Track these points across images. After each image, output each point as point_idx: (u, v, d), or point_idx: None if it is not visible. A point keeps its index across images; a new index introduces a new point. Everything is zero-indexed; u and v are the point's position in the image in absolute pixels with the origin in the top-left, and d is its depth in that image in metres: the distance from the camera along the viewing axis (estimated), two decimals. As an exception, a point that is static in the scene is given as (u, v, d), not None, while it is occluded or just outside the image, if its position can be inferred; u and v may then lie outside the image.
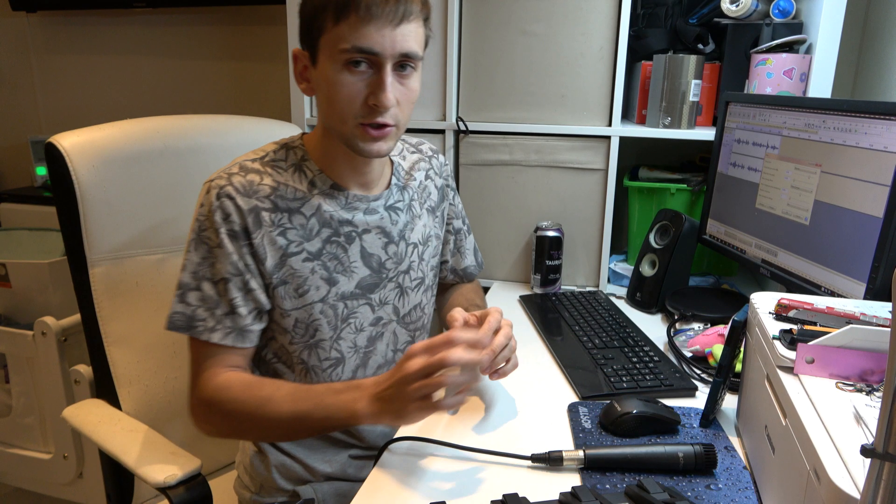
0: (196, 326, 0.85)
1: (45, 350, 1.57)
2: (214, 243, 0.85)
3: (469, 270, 1.17)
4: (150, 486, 0.87)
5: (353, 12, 0.78)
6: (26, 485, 1.81)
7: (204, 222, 0.86)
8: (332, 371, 0.95)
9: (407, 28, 0.81)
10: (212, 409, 0.86)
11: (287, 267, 0.88)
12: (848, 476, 0.51)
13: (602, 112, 1.39)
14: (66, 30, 2.48)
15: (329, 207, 0.91)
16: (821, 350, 0.67)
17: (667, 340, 1.16)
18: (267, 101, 2.31)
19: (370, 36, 0.79)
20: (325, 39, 0.82)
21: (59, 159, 0.97)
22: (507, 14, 1.39)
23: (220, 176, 0.87)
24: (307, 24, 0.84)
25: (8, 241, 1.96)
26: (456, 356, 0.73)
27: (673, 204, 1.43)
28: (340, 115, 0.84)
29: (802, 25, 1.32)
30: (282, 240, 0.88)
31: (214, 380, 0.85)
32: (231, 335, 0.86)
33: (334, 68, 0.82)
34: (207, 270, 0.86)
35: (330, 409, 0.80)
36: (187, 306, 0.86)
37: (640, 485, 0.69)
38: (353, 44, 0.79)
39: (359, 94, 0.82)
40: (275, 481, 0.97)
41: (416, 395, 0.74)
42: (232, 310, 0.86)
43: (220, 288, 0.86)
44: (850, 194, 0.97)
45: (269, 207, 0.87)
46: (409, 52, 0.82)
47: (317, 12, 0.82)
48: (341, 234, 0.92)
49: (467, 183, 1.50)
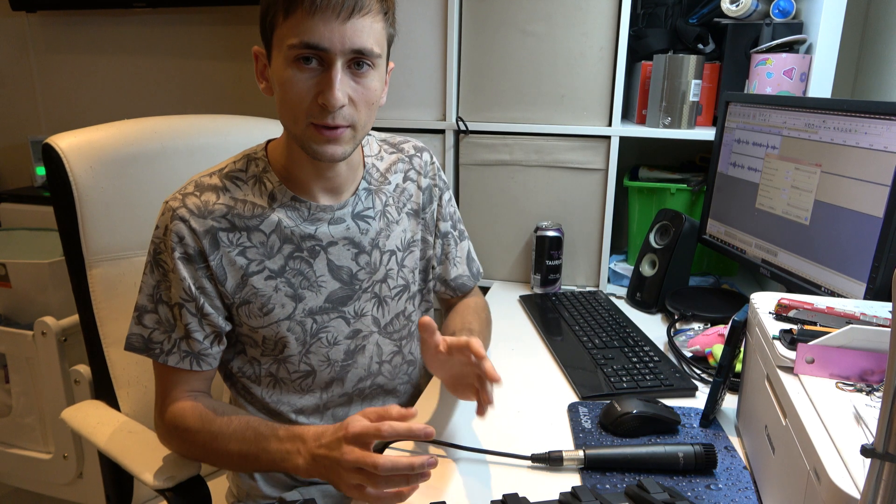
0: (153, 349, 0.84)
1: (45, 350, 1.57)
2: (169, 267, 0.84)
3: (461, 281, 1.07)
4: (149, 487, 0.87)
5: (299, 5, 0.75)
6: (26, 485, 1.81)
7: (159, 245, 0.84)
8: (302, 382, 0.93)
9: (360, 23, 0.77)
10: (171, 435, 0.86)
11: (248, 286, 0.86)
12: (848, 476, 0.51)
13: (602, 112, 1.39)
14: (65, 30, 2.48)
15: (290, 222, 0.87)
16: (821, 350, 0.67)
17: (667, 340, 1.16)
18: (266, 101, 2.31)
19: (317, 30, 0.75)
20: (276, 36, 0.79)
21: (57, 160, 0.97)
22: (507, 14, 1.39)
23: (175, 197, 0.84)
24: (262, 22, 0.81)
25: (8, 241, 1.96)
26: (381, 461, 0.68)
27: (673, 204, 1.43)
28: (292, 115, 0.80)
29: (802, 25, 1.31)
30: (241, 259, 0.85)
31: (172, 406, 0.85)
32: (187, 359, 0.85)
33: (284, 65, 0.78)
34: (164, 293, 0.84)
35: (273, 454, 0.78)
36: (144, 328, 0.85)
37: (640, 485, 0.69)
38: (301, 38, 0.76)
39: (308, 92, 0.78)
40: (260, 489, 0.96)
41: (348, 482, 0.71)
42: (187, 335, 0.84)
43: (175, 312, 0.84)
44: (850, 194, 0.97)
45: (226, 227, 0.84)
46: (361, 48, 0.77)
47: (269, 8, 0.79)
48: (304, 249, 0.89)
49: (467, 183, 1.50)
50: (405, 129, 1.49)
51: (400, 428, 0.71)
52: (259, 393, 0.93)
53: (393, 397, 1.01)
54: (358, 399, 0.97)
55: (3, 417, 1.76)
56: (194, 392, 0.87)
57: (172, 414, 0.84)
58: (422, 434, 0.72)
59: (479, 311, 1.08)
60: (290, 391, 0.93)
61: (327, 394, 0.94)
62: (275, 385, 0.92)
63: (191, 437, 0.83)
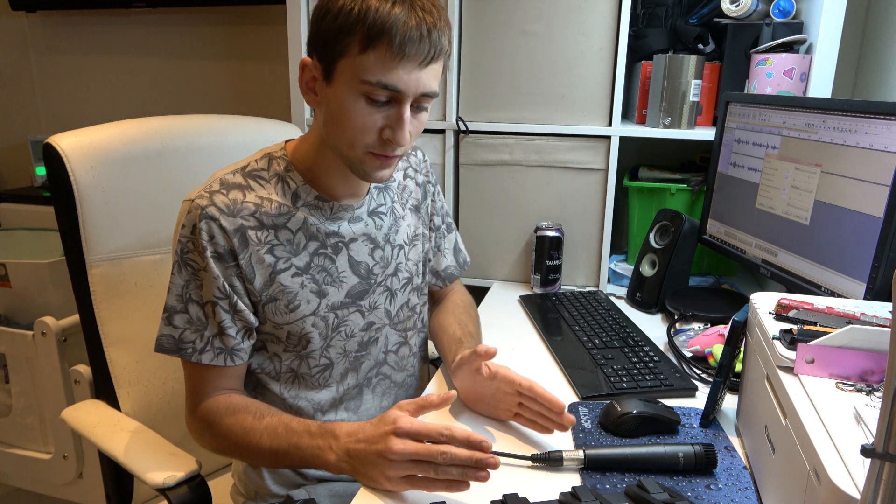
0: (185, 349, 0.85)
1: (45, 350, 1.57)
2: (200, 266, 0.83)
3: (449, 272, 1.13)
4: (149, 486, 0.87)
5: (384, 45, 0.75)
6: (26, 485, 1.80)
7: (187, 244, 0.83)
8: (321, 376, 0.94)
9: (433, 68, 0.79)
10: (203, 431, 0.87)
11: (276, 284, 0.87)
12: (848, 476, 0.51)
13: (602, 112, 1.39)
14: (65, 30, 2.48)
15: (314, 220, 0.89)
16: (821, 350, 0.67)
17: (667, 340, 1.16)
18: (267, 101, 2.31)
19: (397, 75, 0.76)
20: (346, 63, 0.78)
21: (58, 160, 0.97)
22: (507, 14, 1.39)
23: (202, 195, 0.83)
24: (326, 40, 0.79)
25: (8, 241, 1.96)
26: (446, 449, 0.70)
27: (673, 204, 1.43)
28: (350, 142, 0.82)
29: (802, 25, 1.31)
30: (269, 257, 0.86)
31: (205, 402, 0.86)
32: (221, 356, 0.86)
33: (353, 96, 0.78)
34: (194, 293, 0.84)
35: (304, 451, 0.79)
36: (175, 329, 0.85)
37: (640, 485, 0.69)
38: (379, 79, 0.76)
39: (374, 125, 0.80)
40: (268, 487, 0.97)
41: (396, 473, 0.72)
42: (221, 331, 0.85)
43: (207, 310, 0.85)
44: (850, 194, 0.97)
45: (255, 225, 0.85)
46: (429, 91, 0.80)
47: (341, 32, 0.77)
48: (328, 246, 0.91)
49: (467, 183, 1.50)
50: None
51: (459, 434, 0.72)
52: (278, 389, 0.94)
53: (399, 388, 1.05)
54: (367, 389, 1.00)
55: (3, 417, 1.76)
56: (227, 389, 0.88)
57: (205, 410, 0.86)
58: (477, 443, 0.71)
59: (469, 309, 1.13)
60: (308, 386, 0.94)
61: (343, 386, 0.96)
62: (294, 380, 0.94)
63: (223, 432, 0.84)
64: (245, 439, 0.83)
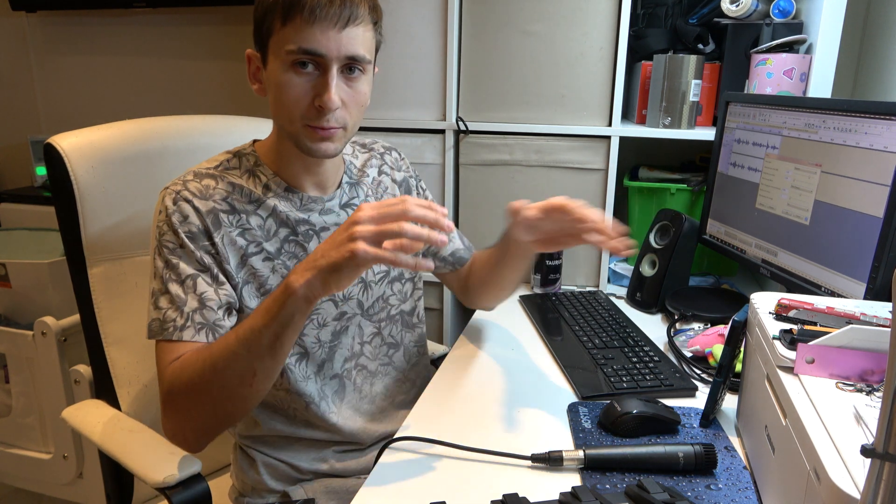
0: (167, 328, 0.83)
1: (45, 350, 1.57)
2: (176, 244, 0.85)
3: (459, 255, 1.16)
4: (149, 486, 0.87)
5: (298, 14, 0.80)
6: (26, 485, 1.81)
7: (162, 226, 0.86)
8: (298, 365, 0.94)
9: (353, 31, 0.83)
10: (175, 403, 0.82)
11: (248, 266, 0.89)
12: (848, 476, 0.51)
13: (602, 112, 1.39)
14: (65, 30, 2.48)
15: (284, 208, 0.92)
16: (821, 350, 0.67)
17: (667, 340, 1.16)
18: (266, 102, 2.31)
19: (314, 37, 0.81)
20: (273, 41, 0.84)
21: (58, 160, 0.97)
22: (507, 14, 1.39)
23: (175, 183, 0.88)
24: (258, 26, 0.86)
25: (8, 241, 1.96)
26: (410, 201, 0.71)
27: (673, 204, 1.43)
28: (288, 116, 0.86)
29: (802, 25, 1.31)
30: (241, 240, 0.88)
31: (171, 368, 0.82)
32: (203, 330, 0.83)
33: (282, 69, 0.83)
34: (173, 272, 0.85)
35: (270, 310, 0.76)
36: (159, 311, 0.84)
37: (640, 485, 0.69)
38: (299, 45, 0.81)
39: (305, 95, 0.84)
40: (265, 483, 0.97)
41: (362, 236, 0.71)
42: (202, 304, 0.84)
43: (187, 285, 0.84)
44: (850, 194, 0.97)
45: (227, 209, 0.88)
46: (355, 55, 0.83)
47: (266, 14, 0.83)
48: (299, 234, 0.93)
49: (467, 183, 1.50)
50: (405, 130, 1.49)
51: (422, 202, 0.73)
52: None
53: (378, 379, 1.04)
54: (349, 381, 1.00)
55: (3, 417, 1.76)
56: None
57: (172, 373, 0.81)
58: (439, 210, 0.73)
59: None
60: (295, 377, 0.94)
61: (321, 378, 0.97)
62: (281, 373, 0.94)
63: (195, 375, 0.79)
64: (214, 361, 0.78)
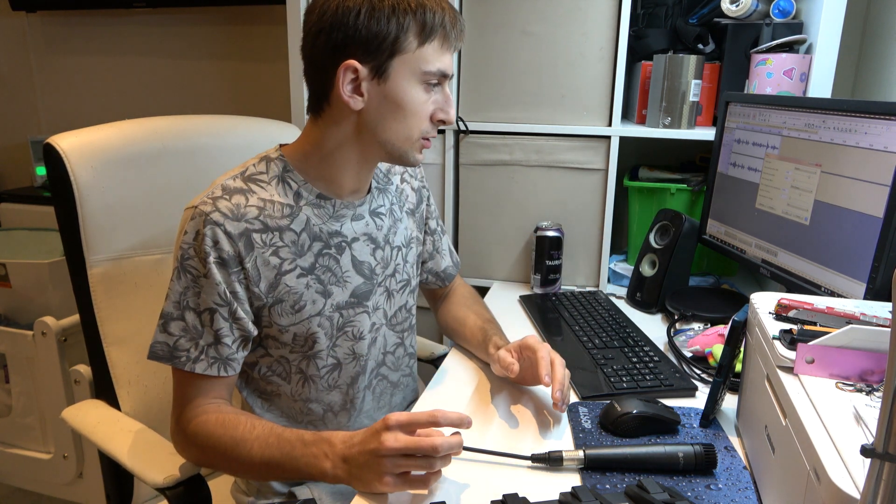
0: (179, 357, 0.83)
1: (45, 350, 1.57)
2: (200, 272, 0.83)
3: (448, 272, 1.17)
4: (149, 486, 0.87)
5: (436, 37, 0.84)
6: (26, 485, 1.81)
7: (188, 250, 0.83)
8: (329, 376, 0.95)
9: None
10: (188, 442, 0.85)
11: (282, 285, 0.87)
12: (848, 476, 0.51)
13: (602, 112, 1.39)
14: (65, 30, 2.48)
15: (317, 220, 0.90)
16: (821, 350, 0.67)
17: (667, 340, 1.16)
18: (266, 102, 2.31)
19: (446, 61, 0.86)
20: (404, 59, 0.83)
21: (58, 160, 0.97)
22: (508, 14, 1.39)
23: (205, 202, 0.83)
24: (377, 40, 0.81)
25: (8, 241, 1.96)
26: (439, 442, 0.72)
27: (673, 204, 1.43)
28: (408, 132, 0.87)
29: (802, 25, 1.31)
30: (275, 259, 0.86)
31: (194, 413, 0.85)
32: (215, 365, 0.84)
33: (414, 87, 0.85)
34: (192, 300, 0.83)
35: (298, 461, 0.78)
36: (170, 336, 0.84)
37: (640, 485, 0.69)
38: (438, 67, 0.85)
39: (427, 111, 0.87)
40: (270, 484, 0.97)
41: (390, 471, 0.72)
42: (217, 340, 0.84)
43: (204, 318, 0.84)
44: (850, 194, 0.97)
45: (260, 228, 0.85)
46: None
47: (393, 31, 0.82)
48: (332, 246, 0.92)
49: (467, 183, 1.50)
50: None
51: (452, 415, 0.75)
52: (289, 391, 0.94)
53: (397, 390, 1.06)
54: (368, 390, 1.00)
55: (3, 417, 1.76)
56: (216, 398, 0.87)
57: (195, 423, 0.84)
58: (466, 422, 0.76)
59: (477, 299, 1.20)
60: (318, 388, 0.95)
61: (353, 389, 0.97)
62: (304, 382, 0.94)
63: (213, 443, 0.82)
64: (235, 451, 0.81)
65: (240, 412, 0.86)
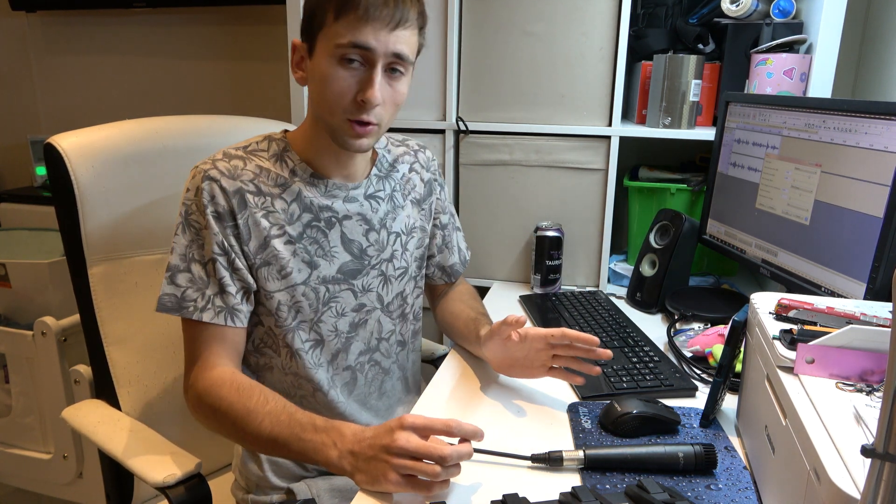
0: (186, 307, 0.87)
1: (45, 350, 1.57)
2: (202, 225, 0.88)
3: (455, 268, 1.18)
4: (149, 486, 0.87)
5: (352, 11, 0.83)
6: (26, 485, 1.80)
7: (190, 206, 0.89)
8: (312, 352, 0.96)
9: (402, 33, 0.86)
10: (202, 402, 0.86)
11: (269, 248, 0.91)
12: (848, 476, 0.51)
13: (602, 112, 1.39)
14: (65, 30, 2.48)
15: (309, 194, 0.94)
16: (821, 350, 0.67)
17: (667, 340, 1.16)
18: (266, 102, 2.31)
19: (366, 33, 0.83)
20: (323, 34, 0.86)
21: (58, 160, 0.97)
22: (508, 14, 1.39)
23: (205, 162, 0.90)
24: (308, 18, 0.88)
25: (8, 241, 1.96)
26: (448, 451, 0.71)
27: (673, 204, 1.43)
28: (330, 108, 0.88)
29: (802, 25, 1.31)
30: (265, 222, 0.90)
31: (208, 373, 0.86)
32: (222, 314, 0.88)
33: (329, 62, 0.86)
34: (196, 252, 0.88)
35: (305, 444, 0.78)
36: (177, 287, 0.87)
37: (640, 485, 0.69)
38: (350, 39, 0.83)
39: (349, 90, 0.86)
40: (269, 480, 0.98)
41: (397, 470, 0.72)
42: (221, 289, 0.88)
43: (209, 268, 0.88)
44: (850, 194, 0.97)
45: (253, 190, 0.90)
46: (400, 53, 0.86)
47: (319, 7, 0.86)
48: (321, 220, 0.95)
49: (467, 183, 1.50)
50: (405, 129, 1.49)
51: (467, 427, 0.74)
52: (280, 364, 0.96)
53: (388, 377, 1.06)
54: (360, 374, 1.01)
55: (3, 417, 1.76)
56: (227, 356, 0.89)
57: (210, 383, 0.85)
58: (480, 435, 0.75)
59: (475, 295, 1.20)
60: (305, 364, 0.95)
61: (333, 367, 0.98)
62: (291, 357, 0.95)
63: (225, 408, 0.83)
64: (244, 420, 0.81)
65: (255, 383, 0.87)
